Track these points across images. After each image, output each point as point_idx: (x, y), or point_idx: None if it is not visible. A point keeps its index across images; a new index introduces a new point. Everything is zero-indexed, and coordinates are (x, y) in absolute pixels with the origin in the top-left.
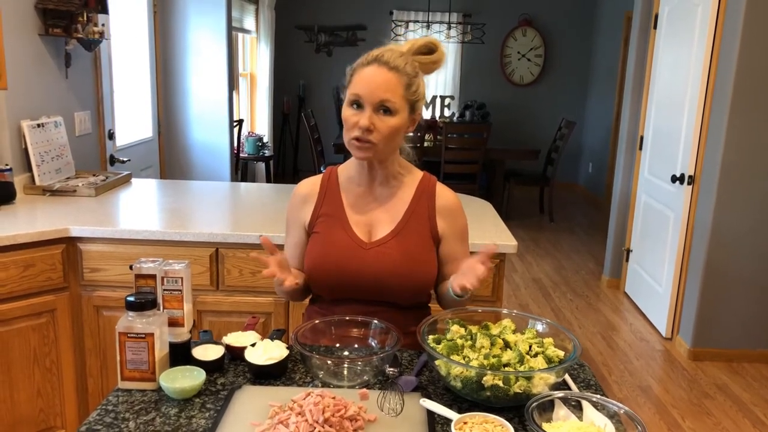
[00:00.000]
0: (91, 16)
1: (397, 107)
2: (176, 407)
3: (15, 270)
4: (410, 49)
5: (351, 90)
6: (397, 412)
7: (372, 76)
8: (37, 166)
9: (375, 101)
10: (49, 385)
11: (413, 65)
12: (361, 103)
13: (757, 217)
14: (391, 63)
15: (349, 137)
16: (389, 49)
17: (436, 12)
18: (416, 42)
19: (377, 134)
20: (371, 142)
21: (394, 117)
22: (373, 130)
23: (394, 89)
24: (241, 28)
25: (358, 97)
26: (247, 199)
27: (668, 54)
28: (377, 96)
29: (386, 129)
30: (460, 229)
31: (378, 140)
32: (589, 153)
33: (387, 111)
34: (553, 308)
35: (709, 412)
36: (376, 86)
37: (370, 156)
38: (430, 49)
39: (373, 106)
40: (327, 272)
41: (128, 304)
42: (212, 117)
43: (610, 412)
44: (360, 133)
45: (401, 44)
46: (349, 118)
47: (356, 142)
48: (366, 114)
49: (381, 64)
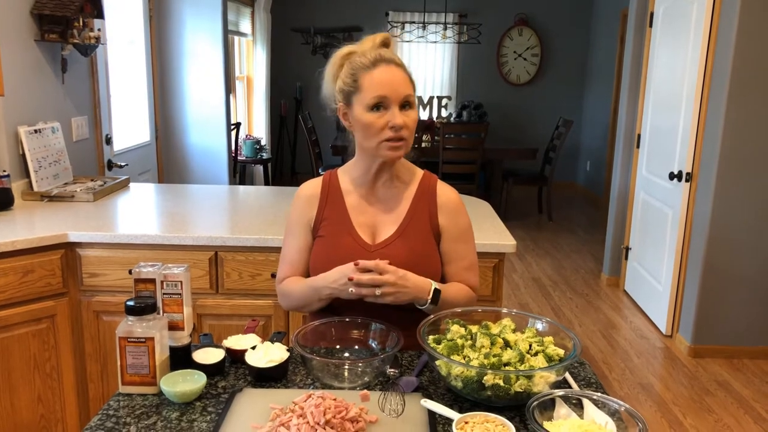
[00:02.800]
0: (87, 21)
1: (414, 100)
2: (177, 411)
3: (14, 276)
4: (374, 45)
5: (370, 94)
6: (398, 412)
7: (389, 75)
8: (35, 172)
9: (400, 98)
10: (49, 391)
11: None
12: (387, 103)
13: (756, 213)
14: (395, 60)
15: (380, 139)
16: (371, 42)
17: (432, 12)
18: (376, 38)
19: (406, 130)
20: (404, 138)
21: (414, 110)
22: (403, 127)
23: (408, 84)
24: (237, 31)
25: (383, 98)
26: (245, 202)
27: (664, 52)
28: (401, 93)
29: (412, 123)
30: (461, 227)
31: (408, 136)
32: (587, 151)
33: (409, 105)
34: (553, 307)
35: (710, 409)
36: (397, 84)
37: (403, 153)
38: (386, 44)
39: (399, 103)
40: None
41: (128, 308)
42: (209, 120)
43: (611, 410)
44: (395, 132)
45: (362, 42)
46: (376, 122)
47: (390, 142)
48: (395, 113)
49: (388, 63)
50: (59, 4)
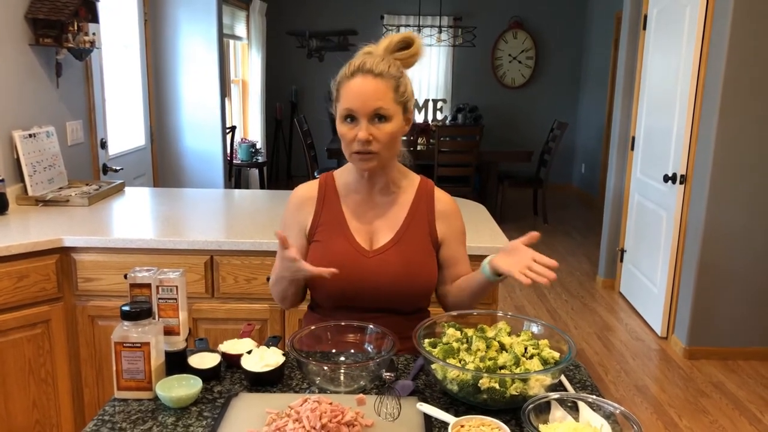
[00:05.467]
0: (81, 25)
1: (391, 113)
2: (173, 416)
3: (9, 281)
4: (388, 47)
5: (342, 105)
6: (394, 416)
7: (360, 87)
8: (30, 177)
9: (369, 111)
10: (44, 396)
11: (396, 65)
12: (355, 116)
13: (750, 215)
14: (375, 70)
15: (350, 151)
16: (367, 53)
17: (427, 16)
18: (393, 38)
19: (377, 143)
20: (372, 152)
21: (390, 123)
22: (372, 141)
23: (384, 95)
24: (232, 34)
25: (351, 111)
26: (241, 205)
27: (658, 54)
28: (370, 106)
29: (385, 136)
30: (458, 232)
31: (379, 149)
32: (582, 153)
33: (382, 118)
34: (549, 309)
35: (706, 411)
36: (366, 97)
37: (374, 165)
38: (408, 44)
39: (367, 116)
40: (329, 280)
41: (123, 313)
42: (205, 124)
43: (607, 413)
44: (360, 146)
45: (378, 43)
46: (346, 134)
47: (358, 155)
48: (362, 126)
49: (365, 73)
50: (54, 9)
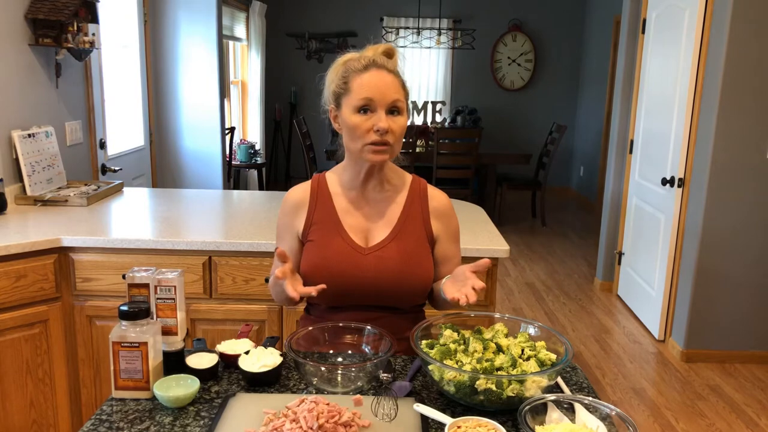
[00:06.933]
0: (81, 25)
1: (404, 107)
2: (170, 416)
3: (7, 281)
4: (375, 53)
5: (357, 96)
6: (391, 417)
7: (379, 78)
8: (28, 177)
9: (388, 102)
10: (42, 396)
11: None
12: (374, 106)
13: (747, 219)
14: (388, 66)
15: (364, 142)
16: (372, 51)
17: (426, 18)
18: (378, 48)
19: (392, 135)
20: (388, 143)
21: (403, 116)
22: (388, 132)
23: (398, 90)
24: (232, 35)
25: (370, 101)
26: (239, 206)
27: (657, 58)
28: (389, 97)
29: (399, 129)
30: (453, 229)
31: (393, 141)
32: (581, 156)
33: (397, 111)
34: (547, 312)
35: (703, 414)
36: (386, 88)
37: (387, 158)
38: (390, 54)
39: (386, 107)
40: (326, 279)
41: (121, 313)
42: (204, 125)
43: (603, 414)
44: (379, 136)
45: (365, 49)
46: (362, 124)
47: (374, 146)
48: (381, 116)
49: (380, 68)
50: (54, 9)
